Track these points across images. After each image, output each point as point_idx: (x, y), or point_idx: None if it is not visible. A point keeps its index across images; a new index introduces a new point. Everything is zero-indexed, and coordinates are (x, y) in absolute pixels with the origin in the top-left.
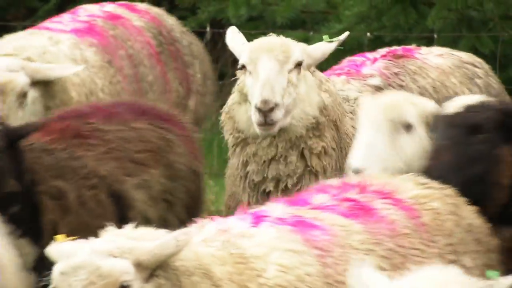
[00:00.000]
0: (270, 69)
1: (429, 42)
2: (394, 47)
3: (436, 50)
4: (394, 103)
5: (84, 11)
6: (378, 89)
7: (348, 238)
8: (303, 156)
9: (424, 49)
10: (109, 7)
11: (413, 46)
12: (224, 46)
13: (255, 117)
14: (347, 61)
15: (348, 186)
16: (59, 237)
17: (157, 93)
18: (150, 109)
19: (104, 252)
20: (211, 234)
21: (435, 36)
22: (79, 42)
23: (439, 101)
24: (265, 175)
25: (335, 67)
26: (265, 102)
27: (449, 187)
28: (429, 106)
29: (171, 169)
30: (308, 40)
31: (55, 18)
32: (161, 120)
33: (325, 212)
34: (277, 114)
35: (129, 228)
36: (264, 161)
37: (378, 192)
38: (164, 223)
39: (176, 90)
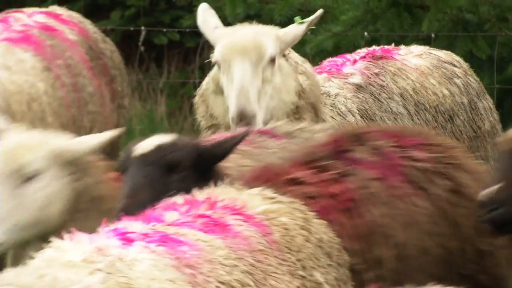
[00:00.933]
0: (244, 74)
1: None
2: (373, 47)
3: (415, 49)
4: (12, 152)
5: (15, 20)
6: (359, 87)
7: (214, 253)
8: None
9: (403, 50)
10: (40, 17)
11: (391, 47)
12: None
13: (233, 126)
14: (327, 62)
15: (196, 202)
16: None
17: (97, 105)
18: None
19: None
20: (89, 253)
21: (433, 36)
22: (13, 47)
23: (419, 102)
24: None
25: (315, 67)
26: (242, 115)
27: (298, 201)
28: (63, 143)
29: None
30: (305, 42)
31: None
32: None
33: (184, 228)
34: (256, 123)
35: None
36: None
37: (228, 208)
38: None
39: (108, 105)
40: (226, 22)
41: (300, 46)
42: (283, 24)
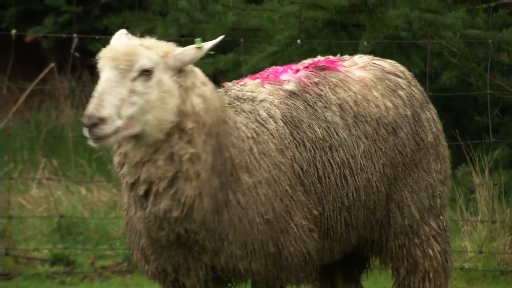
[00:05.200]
0: (108, 80)
1: None
2: (318, 58)
3: (359, 60)
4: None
5: None
6: (292, 94)
7: None
8: (173, 160)
9: (347, 61)
10: None
11: (336, 58)
12: None
13: (84, 129)
14: (272, 69)
15: None
16: None
17: None
18: None
19: None
20: None
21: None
22: None
23: (359, 114)
24: (138, 177)
25: (261, 72)
26: (88, 117)
27: None
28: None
29: None
30: (240, 63)
31: None
32: None
33: None
34: (103, 129)
35: None
36: (136, 163)
37: None
38: None
39: None
40: None
41: (236, 68)
42: (218, 47)
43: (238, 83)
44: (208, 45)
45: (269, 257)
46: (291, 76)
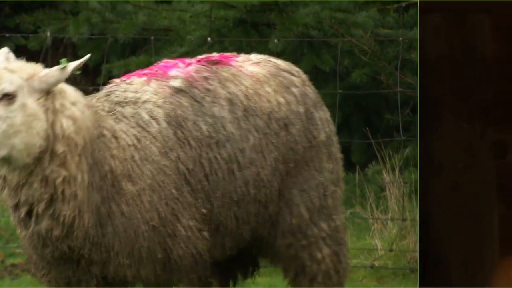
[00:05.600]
0: None
1: None
2: (213, 54)
3: (254, 57)
4: None
5: None
6: (178, 91)
7: None
8: (48, 183)
9: (241, 57)
10: None
11: (230, 54)
12: (65, 53)
13: None
14: (162, 62)
15: None
16: None
17: None
18: None
19: None
20: None
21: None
22: None
23: (249, 108)
24: (18, 200)
25: (151, 66)
26: None
27: None
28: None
29: None
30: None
31: None
32: None
33: None
34: None
35: None
36: (15, 185)
37: None
38: None
39: None
40: (71, 42)
41: None
42: (127, 43)
43: (124, 80)
44: (72, 65)
45: (157, 263)
46: (179, 72)
